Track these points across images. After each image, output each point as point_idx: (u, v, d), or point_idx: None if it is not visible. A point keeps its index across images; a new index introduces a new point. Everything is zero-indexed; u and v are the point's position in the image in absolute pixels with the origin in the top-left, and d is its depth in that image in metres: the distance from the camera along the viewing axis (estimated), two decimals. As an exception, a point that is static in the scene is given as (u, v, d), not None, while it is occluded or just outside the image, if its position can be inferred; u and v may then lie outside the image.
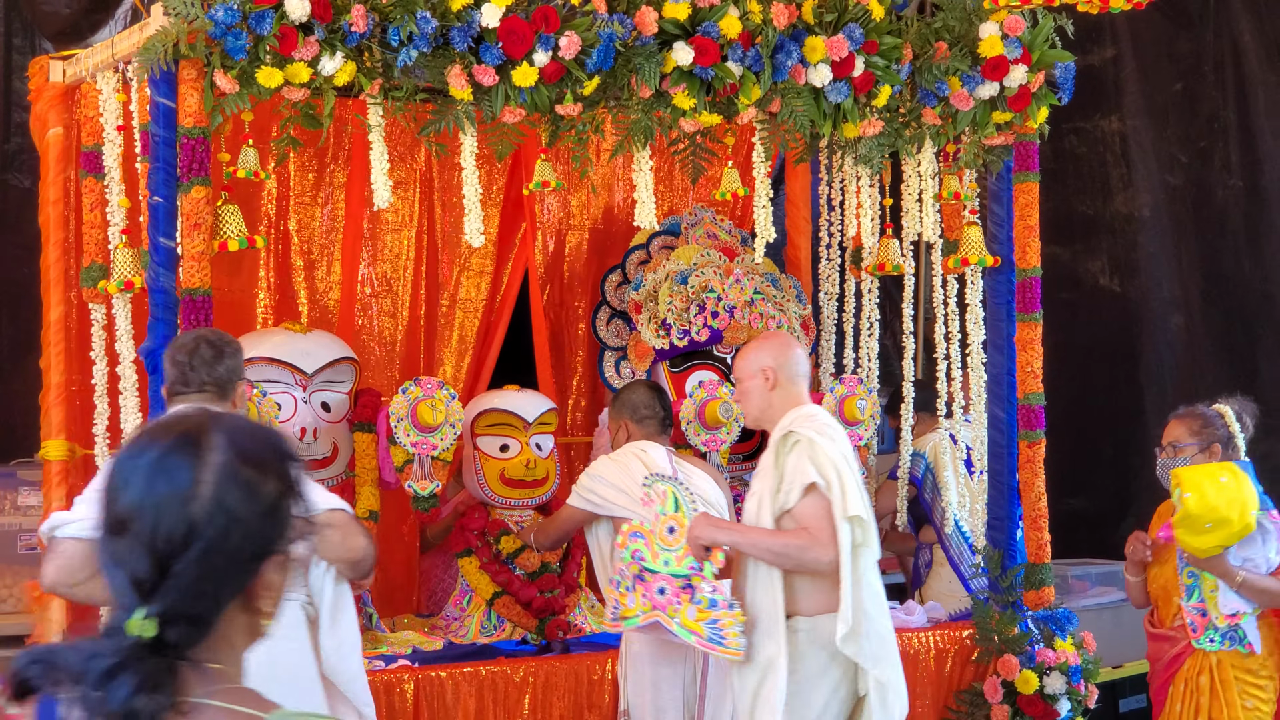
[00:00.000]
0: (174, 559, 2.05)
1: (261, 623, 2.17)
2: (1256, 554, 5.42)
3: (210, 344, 4.80)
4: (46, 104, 6.00)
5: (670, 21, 5.37)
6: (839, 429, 5.08)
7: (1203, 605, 5.49)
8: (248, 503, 2.09)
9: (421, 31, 5.04)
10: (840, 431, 5.05)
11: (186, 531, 2.06)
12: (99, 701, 2.01)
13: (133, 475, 2.11)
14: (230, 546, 2.08)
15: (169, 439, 2.12)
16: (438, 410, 6.06)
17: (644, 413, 5.99)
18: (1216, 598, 5.46)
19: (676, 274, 6.77)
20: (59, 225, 6.03)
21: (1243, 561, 5.42)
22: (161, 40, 4.87)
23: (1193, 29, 8.38)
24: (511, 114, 5.28)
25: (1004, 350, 6.35)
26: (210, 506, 2.07)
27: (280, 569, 2.15)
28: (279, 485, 2.14)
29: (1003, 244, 6.34)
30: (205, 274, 4.98)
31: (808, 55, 5.58)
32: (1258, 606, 5.48)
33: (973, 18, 5.92)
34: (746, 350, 5.23)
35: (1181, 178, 8.47)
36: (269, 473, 2.13)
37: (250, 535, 2.10)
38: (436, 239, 7.12)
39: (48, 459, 6.06)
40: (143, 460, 2.11)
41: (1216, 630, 5.48)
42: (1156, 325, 8.49)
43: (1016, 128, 6.17)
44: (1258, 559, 5.43)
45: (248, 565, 2.11)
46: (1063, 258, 8.58)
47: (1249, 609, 5.47)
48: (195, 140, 4.95)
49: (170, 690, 2.03)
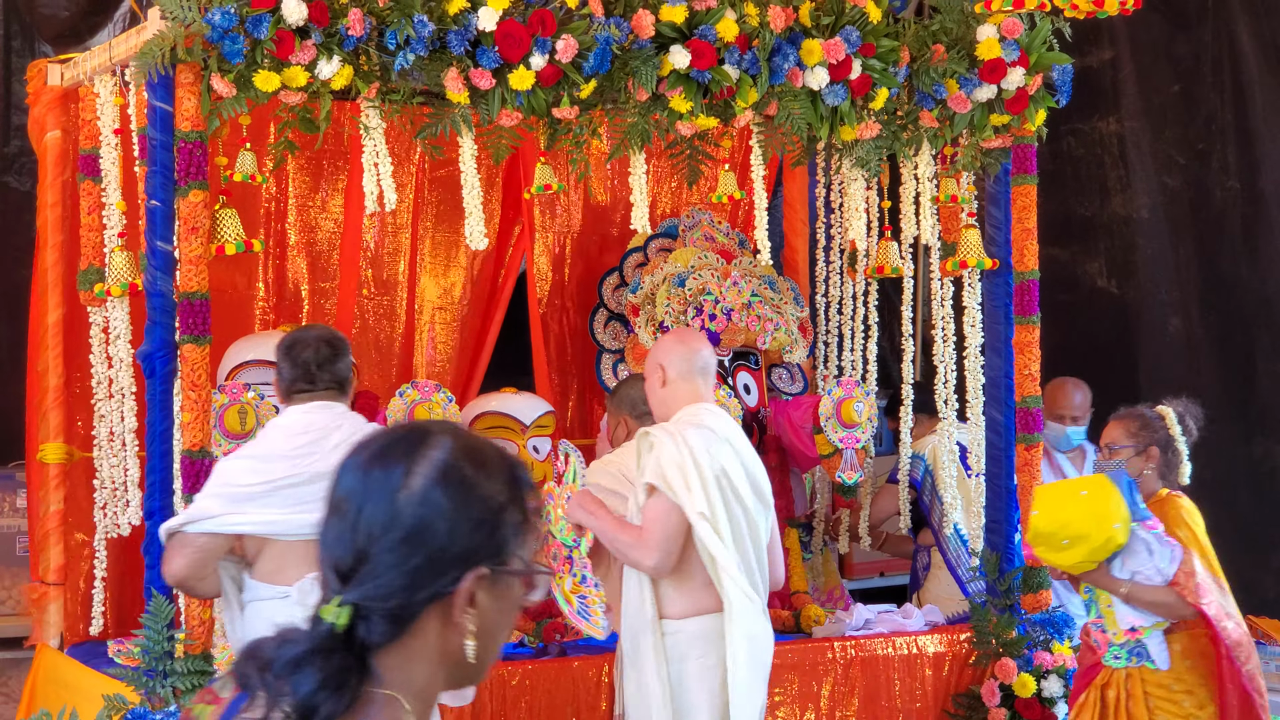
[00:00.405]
0: (372, 545, 2.01)
1: (464, 644, 2.04)
2: (1145, 565, 5.23)
3: (328, 342, 5.04)
4: (44, 107, 6.02)
5: (667, 25, 5.37)
6: (718, 429, 4.99)
7: (1101, 621, 5.35)
8: (458, 502, 2.02)
9: (418, 35, 5.04)
10: (719, 432, 4.98)
11: (388, 519, 2.01)
12: (282, 691, 1.95)
13: (354, 463, 2.08)
14: (431, 542, 2.01)
15: (397, 434, 2.09)
16: (435, 413, 6.08)
17: (643, 408, 5.72)
18: (1113, 613, 5.32)
19: (674, 276, 6.77)
20: (57, 228, 6.05)
21: (1131, 575, 5.24)
22: (158, 44, 4.87)
23: (1191, 30, 8.37)
24: (508, 117, 5.28)
25: (1001, 353, 6.34)
26: (417, 497, 2.01)
27: (490, 590, 2.04)
28: (500, 497, 2.06)
29: (1000, 247, 6.34)
30: (203, 278, 4.98)
31: (805, 58, 5.58)
32: (1160, 620, 5.29)
33: (970, 20, 5.91)
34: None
35: (1179, 179, 8.46)
36: (491, 480, 2.06)
37: (455, 536, 2.02)
38: (434, 241, 7.12)
39: (45, 462, 6.08)
40: (366, 451, 2.08)
41: (1119, 646, 5.33)
42: (1154, 327, 8.48)
43: (1014, 130, 6.17)
44: (1147, 570, 5.23)
45: (448, 569, 2.01)
46: (1061, 259, 8.57)
47: (1147, 623, 5.29)
48: (192, 144, 4.95)
49: (350, 695, 1.96)
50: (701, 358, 5.14)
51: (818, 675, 6.08)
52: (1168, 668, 5.30)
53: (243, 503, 4.79)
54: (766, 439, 6.89)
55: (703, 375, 5.13)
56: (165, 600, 4.89)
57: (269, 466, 4.88)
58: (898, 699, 6.16)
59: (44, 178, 6.08)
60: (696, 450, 4.88)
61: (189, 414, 4.96)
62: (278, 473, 4.85)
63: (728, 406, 6.41)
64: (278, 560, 4.83)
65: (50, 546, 6.06)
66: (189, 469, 4.95)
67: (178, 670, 4.86)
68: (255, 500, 4.81)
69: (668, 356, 5.12)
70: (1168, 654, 5.30)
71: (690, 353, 5.12)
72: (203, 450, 4.95)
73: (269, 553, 4.84)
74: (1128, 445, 5.49)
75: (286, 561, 4.83)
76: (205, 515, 4.76)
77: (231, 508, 4.78)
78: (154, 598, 4.91)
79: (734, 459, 4.97)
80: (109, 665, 5.56)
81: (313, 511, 4.71)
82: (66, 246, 6.03)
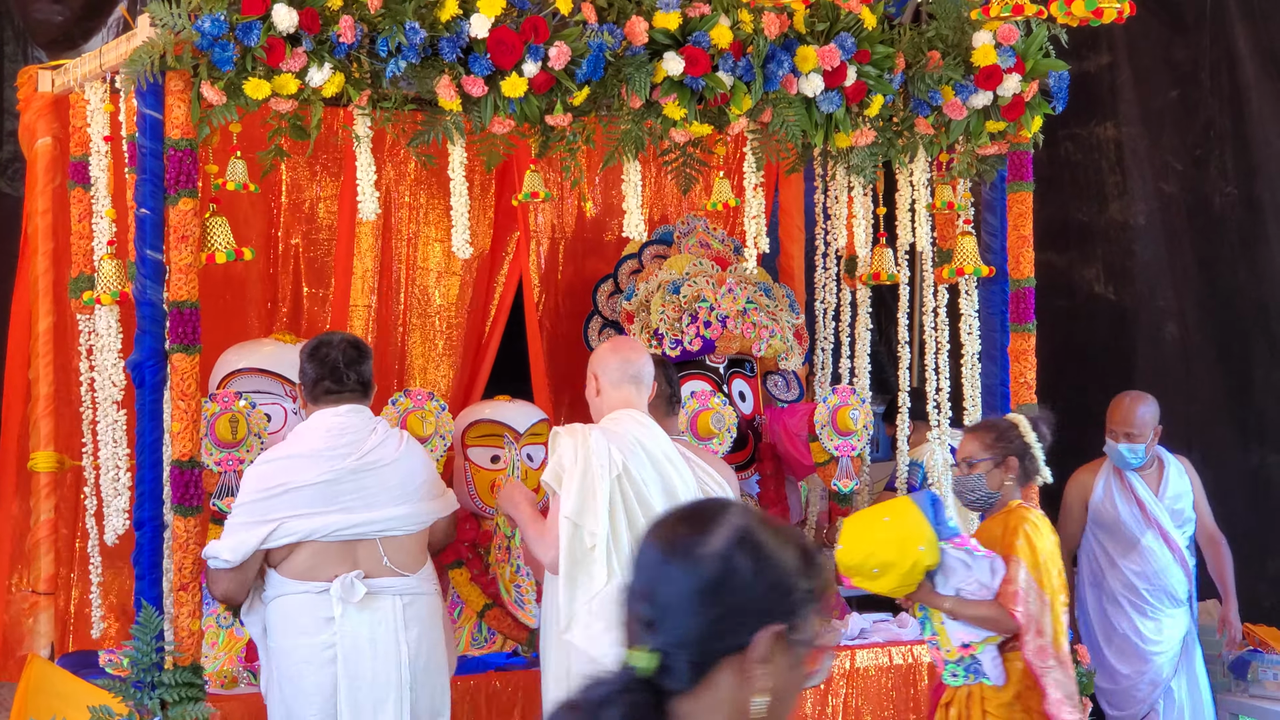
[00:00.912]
0: (676, 598, 2.20)
1: (754, 700, 2.21)
2: (966, 580, 5.15)
3: (353, 344, 5.31)
4: (35, 114, 5.99)
5: (661, 31, 5.34)
6: (629, 432, 5.05)
7: (935, 639, 5.27)
8: (756, 563, 2.21)
9: (410, 42, 5.00)
10: (630, 435, 5.04)
11: (692, 573, 2.20)
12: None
13: (659, 526, 2.31)
14: (730, 597, 2.20)
15: (700, 504, 2.34)
16: (428, 421, 6.06)
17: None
18: (945, 630, 5.23)
19: (669, 283, 6.75)
20: (47, 236, 6.03)
21: (956, 590, 5.16)
22: (148, 51, 4.84)
23: (1188, 36, 8.34)
24: (501, 124, 5.25)
25: (997, 361, 6.31)
26: (719, 555, 2.21)
27: (783, 651, 2.21)
28: (793, 564, 2.24)
29: (997, 254, 6.31)
30: (193, 287, 4.95)
31: (799, 65, 5.55)
32: (990, 635, 5.19)
33: (966, 27, 5.88)
34: None
35: (1177, 185, 8.43)
36: (785, 549, 2.25)
37: (752, 593, 2.20)
38: (429, 249, 7.10)
39: (36, 470, 6.05)
40: (671, 516, 2.32)
41: (955, 664, 5.24)
42: (1151, 333, 8.45)
43: (1010, 137, 6.14)
44: (969, 585, 5.16)
45: (745, 622, 2.20)
46: (1058, 265, 8.54)
47: (979, 638, 5.20)
48: (182, 152, 4.92)
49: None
50: (633, 366, 5.20)
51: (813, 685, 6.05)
52: (1003, 684, 5.20)
53: (277, 508, 5.03)
54: (762, 446, 6.87)
55: (634, 383, 5.19)
56: (154, 612, 4.86)
57: (307, 464, 5.10)
58: (892, 709, 6.14)
59: (34, 184, 6.05)
60: (592, 452, 4.94)
61: (179, 423, 4.93)
62: (315, 471, 5.09)
63: (723, 414, 6.40)
64: (313, 560, 5.05)
65: (41, 555, 6.03)
66: (178, 479, 4.92)
67: (166, 682, 4.83)
68: (290, 501, 5.04)
69: (602, 365, 5.21)
70: (1003, 670, 5.20)
71: (622, 362, 5.19)
72: (192, 460, 4.93)
73: (304, 552, 5.06)
74: (985, 458, 5.38)
75: (322, 560, 5.06)
76: (243, 546, 5.00)
77: (266, 520, 5.01)
78: (143, 609, 4.88)
79: (644, 463, 5.00)
80: (100, 675, 5.53)
81: (350, 511, 4.97)
82: (57, 254, 6.01)
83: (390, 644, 5.08)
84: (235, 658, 5.75)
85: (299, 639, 5.06)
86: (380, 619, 5.10)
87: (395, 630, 5.09)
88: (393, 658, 5.06)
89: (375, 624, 5.09)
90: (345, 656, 5.04)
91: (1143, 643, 6.99)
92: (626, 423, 5.10)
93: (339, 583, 5.04)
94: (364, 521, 5.13)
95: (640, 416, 5.15)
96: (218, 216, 5.17)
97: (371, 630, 5.08)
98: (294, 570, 5.08)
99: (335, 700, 5.02)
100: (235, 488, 5.74)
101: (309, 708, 5.04)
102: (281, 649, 5.08)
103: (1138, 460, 6.96)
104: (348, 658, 5.04)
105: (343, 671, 5.03)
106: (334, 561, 5.08)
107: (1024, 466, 5.40)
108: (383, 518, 5.17)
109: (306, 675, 5.04)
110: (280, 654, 5.09)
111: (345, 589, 5.05)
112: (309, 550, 5.07)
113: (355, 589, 5.07)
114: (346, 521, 5.10)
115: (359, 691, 5.03)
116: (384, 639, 5.08)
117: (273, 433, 5.96)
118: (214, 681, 5.52)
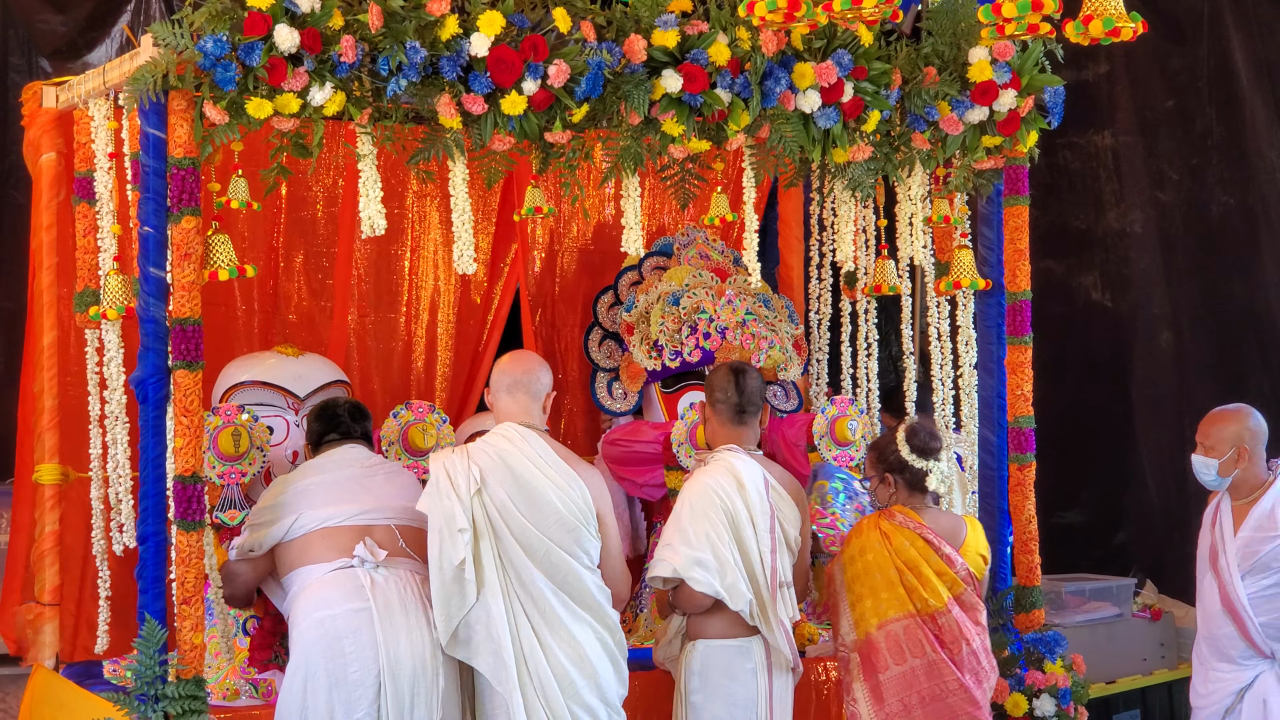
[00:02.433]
0: None
1: None
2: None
3: (355, 405, 5.85)
4: (39, 129, 6.04)
5: (659, 49, 5.38)
6: (496, 447, 5.33)
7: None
8: None
9: (410, 61, 5.04)
10: (495, 449, 5.32)
11: None
12: None
13: None
14: None
15: None
16: (429, 434, 6.11)
17: (717, 396, 5.79)
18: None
19: (669, 295, 6.79)
20: (52, 250, 6.08)
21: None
22: (151, 71, 4.87)
23: (1185, 46, 8.39)
24: (501, 141, 5.30)
25: (994, 373, 6.35)
26: None
27: None
28: None
29: (993, 267, 6.36)
30: (195, 304, 4.99)
31: (796, 81, 5.58)
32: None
33: (962, 43, 5.92)
34: None
35: (1173, 194, 8.48)
36: None
37: None
38: (428, 261, 7.13)
39: (41, 483, 6.10)
40: None
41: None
42: (1146, 341, 8.50)
43: (1006, 151, 6.17)
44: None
45: None
46: (1056, 272, 8.60)
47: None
48: (185, 171, 4.95)
49: None
50: (511, 376, 5.48)
51: (813, 693, 6.12)
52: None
53: (296, 504, 5.41)
54: (761, 456, 6.91)
55: (517, 392, 5.46)
56: (158, 625, 4.91)
57: (318, 472, 5.55)
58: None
59: (39, 199, 6.10)
60: (454, 469, 5.27)
61: (181, 439, 4.97)
62: (327, 475, 5.53)
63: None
64: (330, 541, 5.35)
65: (46, 567, 6.08)
66: (181, 494, 4.96)
67: (169, 694, 4.87)
68: (306, 498, 5.43)
69: (494, 376, 5.53)
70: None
71: (504, 373, 5.49)
72: (195, 476, 4.97)
73: (321, 538, 5.36)
74: (872, 475, 5.84)
75: (339, 540, 5.36)
76: (269, 537, 5.39)
77: (288, 514, 5.39)
78: (147, 622, 4.92)
79: (503, 476, 5.27)
80: (103, 686, 5.59)
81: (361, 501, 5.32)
82: (62, 268, 6.05)
83: (419, 609, 5.24)
84: (238, 670, 5.80)
85: (332, 609, 5.20)
86: (406, 584, 5.31)
87: (422, 597, 5.27)
88: (424, 623, 5.21)
89: (403, 588, 5.29)
90: (379, 618, 5.17)
91: (1193, 690, 6.45)
92: (496, 438, 5.39)
93: (360, 546, 5.34)
94: (375, 508, 5.45)
95: (517, 430, 5.40)
96: (220, 234, 5.21)
97: (400, 594, 5.27)
98: (314, 556, 5.35)
99: (377, 662, 5.12)
100: (238, 500, 5.81)
101: (350, 673, 5.14)
102: (315, 620, 5.20)
103: (1209, 477, 6.23)
104: (382, 618, 5.17)
105: (381, 636, 5.14)
106: (351, 542, 5.37)
107: (905, 479, 5.74)
108: (393, 507, 5.48)
109: (345, 640, 5.15)
110: (315, 626, 5.19)
111: (367, 549, 5.33)
112: (326, 534, 5.36)
113: (376, 550, 5.34)
114: (359, 508, 5.43)
115: (398, 647, 5.15)
116: (412, 603, 5.26)
117: (275, 445, 6.01)
118: (216, 694, 5.57)
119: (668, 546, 5.54)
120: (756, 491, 5.57)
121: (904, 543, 5.66)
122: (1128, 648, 8.18)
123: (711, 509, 5.52)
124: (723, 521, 5.51)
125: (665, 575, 5.53)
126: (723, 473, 5.59)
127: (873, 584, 5.65)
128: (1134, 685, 8.16)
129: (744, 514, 5.53)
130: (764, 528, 5.55)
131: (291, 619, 5.27)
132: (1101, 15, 5.33)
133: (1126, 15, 5.33)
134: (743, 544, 5.52)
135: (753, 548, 5.52)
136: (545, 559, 5.24)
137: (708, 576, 5.45)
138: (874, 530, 5.71)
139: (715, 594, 5.46)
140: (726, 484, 5.56)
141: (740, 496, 5.54)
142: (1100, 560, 8.75)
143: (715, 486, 5.55)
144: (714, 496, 5.53)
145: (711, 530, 5.48)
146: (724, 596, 5.46)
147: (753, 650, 5.56)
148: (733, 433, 5.72)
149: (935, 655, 5.60)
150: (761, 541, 5.54)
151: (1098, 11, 5.33)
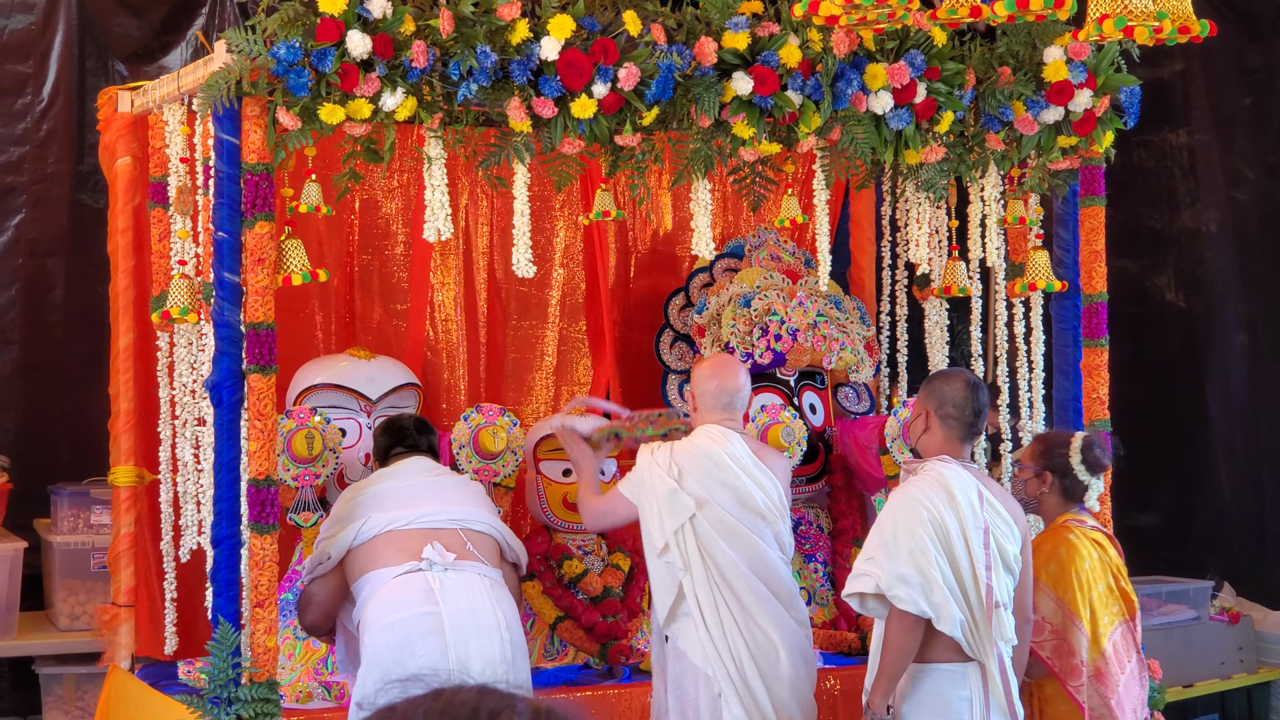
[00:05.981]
0: None
1: None
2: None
3: (421, 419, 5.93)
4: (115, 134, 6.09)
5: (729, 51, 5.36)
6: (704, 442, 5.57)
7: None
8: None
9: (481, 66, 5.05)
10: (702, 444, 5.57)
11: None
12: None
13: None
14: None
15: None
16: (499, 437, 6.12)
17: (950, 410, 5.32)
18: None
19: (740, 297, 6.77)
20: (128, 254, 6.13)
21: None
22: (224, 77, 4.90)
23: (1262, 43, 8.29)
24: (571, 145, 5.30)
25: (1070, 376, 6.30)
26: None
27: None
28: None
29: (1069, 269, 6.30)
30: (269, 308, 5.02)
31: (869, 82, 5.56)
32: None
33: (1037, 42, 5.87)
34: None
35: (1248, 193, 8.38)
36: None
37: None
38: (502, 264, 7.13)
39: (117, 484, 6.15)
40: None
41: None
42: (1221, 342, 8.41)
43: (1082, 152, 6.12)
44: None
45: None
46: (1130, 272, 8.52)
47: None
48: (259, 176, 4.98)
49: None
50: (727, 394, 5.67)
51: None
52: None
53: (363, 509, 5.39)
54: (832, 459, 6.89)
55: (729, 406, 5.68)
56: (230, 628, 4.94)
57: (384, 480, 5.56)
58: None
59: (115, 203, 6.15)
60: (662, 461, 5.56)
61: (255, 443, 5.00)
62: (393, 482, 5.54)
63: (792, 427, 6.44)
64: (398, 545, 5.32)
65: (122, 568, 6.14)
66: (255, 497, 5.00)
67: (242, 697, 4.90)
68: (374, 502, 5.43)
69: (702, 383, 5.72)
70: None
71: (715, 389, 5.69)
72: (268, 479, 5.00)
73: (388, 541, 5.33)
74: (1028, 466, 5.73)
75: (407, 543, 5.33)
76: (340, 544, 5.35)
77: (355, 519, 5.37)
78: (220, 625, 4.95)
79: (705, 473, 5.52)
80: (177, 688, 5.63)
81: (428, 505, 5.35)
82: (137, 271, 6.11)
83: (488, 612, 5.22)
84: (311, 671, 5.83)
85: (402, 612, 5.19)
86: (474, 587, 5.28)
87: (490, 600, 5.26)
88: (493, 626, 5.20)
89: (472, 591, 5.27)
90: (449, 621, 5.16)
91: None
92: (698, 438, 5.54)
93: (428, 549, 5.32)
94: (442, 511, 5.45)
95: (714, 430, 5.56)
96: (293, 239, 5.24)
97: (470, 597, 5.24)
98: (383, 560, 5.32)
99: (447, 664, 5.07)
100: (311, 503, 5.84)
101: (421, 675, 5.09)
102: (387, 624, 5.18)
103: None
104: (451, 621, 5.15)
105: (451, 638, 5.14)
106: (419, 546, 5.34)
107: (1063, 484, 5.60)
108: (460, 512, 5.48)
109: (416, 644, 5.13)
110: (387, 630, 5.17)
111: (435, 552, 5.32)
112: (393, 538, 5.34)
113: (445, 553, 5.33)
114: (426, 511, 5.42)
115: (467, 650, 5.12)
116: (482, 606, 5.24)
117: (347, 447, 6.04)
118: (289, 696, 5.60)
119: (869, 560, 5.14)
120: (969, 504, 5.13)
121: (1109, 547, 5.59)
122: (1205, 651, 8.08)
123: (919, 523, 5.08)
124: (930, 536, 5.08)
125: (866, 591, 5.11)
126: (932, 484, 5.17)
127: (1097, 594, 5.43)
128: (1212, 690, 8.06)
129: (956, 528, 5.09)
130: (977, 543, 5.10)
131: (362, 623, 5.27)
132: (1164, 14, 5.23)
133: (1194, 19, 5.25)
134: (954, 560, 5.08)
135: (965, 565, 5.08)
136: (746, 551, 5.43)
137: (912, 594, 5.02)
138: (1084, 540, 5.50)
139: (921, 613, 5.02)
140: (936, 496, 5.13)
141: (951, 509, 5.11)
142: (1176, 563, 8.66)
143: (923, 498, 5.12)
144: (921, 509, 5.10)
145: (916, 545, 5.06)
146: (931, 615, 5.03)
147: (968, 677, 5.12)
148: (955, 448, 5.31)
149: (1138, 657, 5.57)
150: (976, 558, 5.09)
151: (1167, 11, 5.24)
